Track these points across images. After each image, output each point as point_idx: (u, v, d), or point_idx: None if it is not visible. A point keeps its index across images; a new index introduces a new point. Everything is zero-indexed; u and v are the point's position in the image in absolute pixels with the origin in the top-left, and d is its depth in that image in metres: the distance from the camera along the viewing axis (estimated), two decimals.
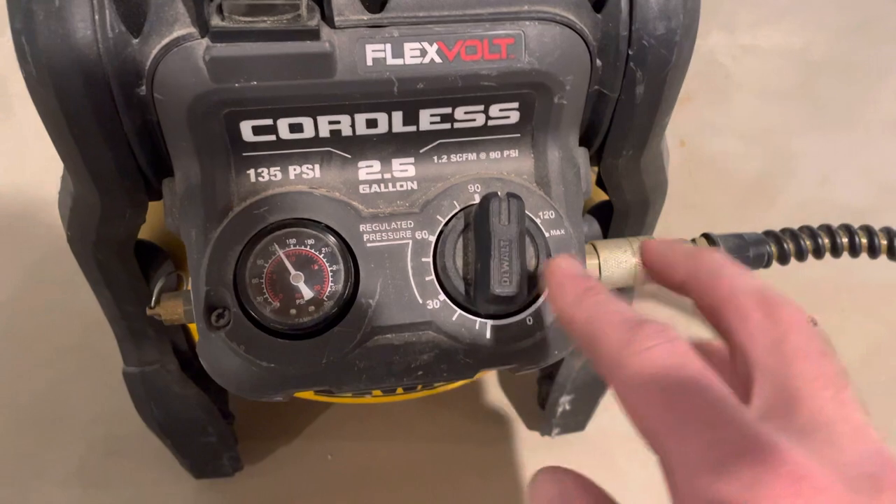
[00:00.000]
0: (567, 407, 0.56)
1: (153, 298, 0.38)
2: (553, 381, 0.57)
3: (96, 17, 0.29)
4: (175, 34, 0.30)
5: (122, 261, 0.40)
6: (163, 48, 0.30)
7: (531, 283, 0.32)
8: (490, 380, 0.64)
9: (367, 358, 0.33)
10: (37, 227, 0.72)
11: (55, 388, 0.62)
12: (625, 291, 0.50)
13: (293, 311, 0.32)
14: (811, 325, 0.23)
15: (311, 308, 0.32)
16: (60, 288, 0.67)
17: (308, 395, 0.48)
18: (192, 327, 0.47)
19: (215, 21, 0.29)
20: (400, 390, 0.49)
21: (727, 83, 0.93)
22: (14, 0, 0.29)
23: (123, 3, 0.29)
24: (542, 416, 0.60)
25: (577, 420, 0.59)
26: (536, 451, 0.60)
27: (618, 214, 0.43)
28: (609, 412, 0.60)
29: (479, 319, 0.33)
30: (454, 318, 0.33)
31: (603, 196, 0.43)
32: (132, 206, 0.35)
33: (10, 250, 0.70)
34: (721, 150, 0.84)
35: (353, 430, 0.60)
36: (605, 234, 0.44)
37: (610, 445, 0.61)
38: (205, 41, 0.30)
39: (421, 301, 0.33)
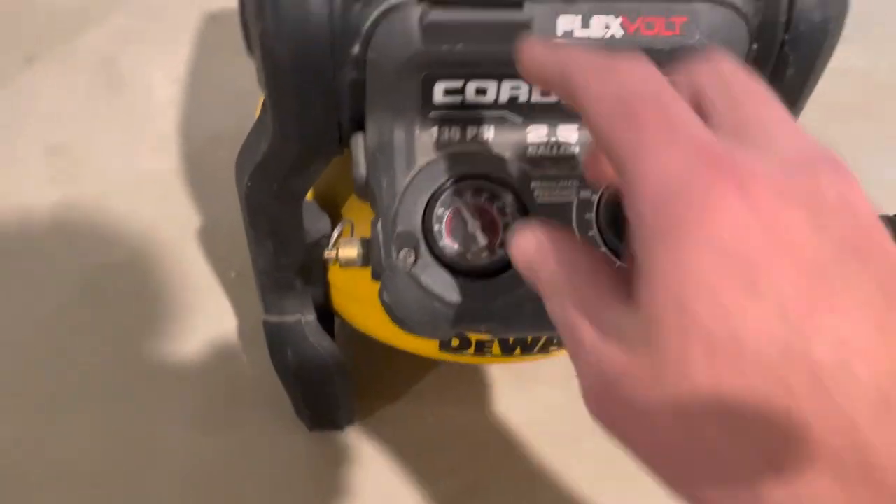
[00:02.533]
0: None
1: (331, 242, 0.41)
2: None
3: None
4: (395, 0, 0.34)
5: (292, 213, 0.44)
6: (382, 12, 0.34)
7: None
8: None
9: (533, 300, 0.37)
10: (148, 199, 0.77)
11: (174, 342, 0.66)
12: None
13: (470, 256, 0.36)
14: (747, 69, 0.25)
15: (486, 254, 0.36)
16: (171, 256, 0.72)
17: (432, 351, 0.52)
18: (335, 282, 0.51)
19: None
20: (518, 351, 0.52)
21: None
22: None
23: None
24: None
25: None
26: None
27: None
28: None
29: None
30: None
31: None
32: (323, 158, 0.39)
33: (121, 221, 0.75)
34: None
35: (455, 395, 0.64)
36: None
37: None
38: (421, 6, 0.34)
39: None
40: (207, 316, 0.68)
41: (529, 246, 0.27)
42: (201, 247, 0.73)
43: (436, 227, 0.36)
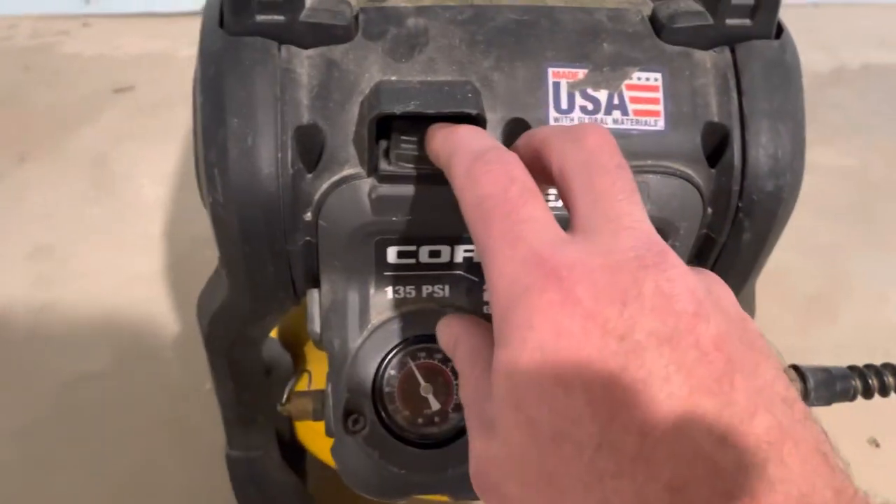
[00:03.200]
0: None
1: (284, 396, 0.41)
2: None
3: (279, 155, 0.34)
4: (345, 172, 0.34)
5: (251, 357, 0.44)
6: (333, 184, 0.34)
7: None
8: None
9: None
10: (132, 303, 0.77)
11: (149, 459, 0.65)
12: None
13: (422, 421, 0.35)
14: (612, 143, 0.27)
15: (438, 419, 0.36)
16: (152, 364, 0.71)
17: None
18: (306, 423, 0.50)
19: (383, 165, 0.33)
20: None
21: None
22: (210, 136, 0.34)
23: (304, 145, 0.34)
24: None
25: None
26: None
27: None
28: None
29: None
30: None
31: None
32: (277, 312, 0.39)
33: (104, 326, 0.75)
34: (780, 265, 0.87)
35: None
36: None
37: None
38: (371, 180, 0.34)
39: None
40: (183, 429, 0.67)
41: (447, 336, 0.31)
42: (178, 355, 0.72)
43: (387, 390, 0.36)
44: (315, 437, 0.52)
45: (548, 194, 0.35)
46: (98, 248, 0.81)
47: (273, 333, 0.47)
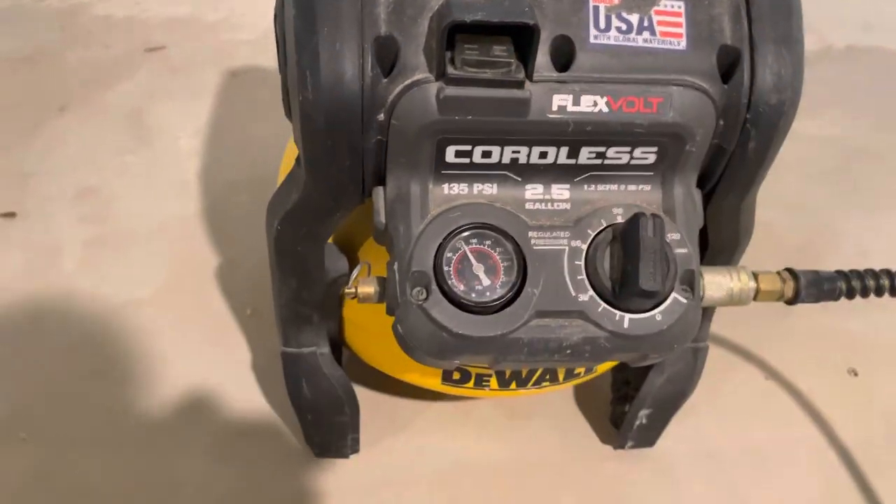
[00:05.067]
0: (643, 421, 0.65)
1: (351, 280, 0.47)
2: (628, 400, 0.65)
3: (361, 60, 0.40)
4: (416, 77, 0.40)
5: (316, 254, 0.50)
6: (405, 87, 0.40)
7: (667, 286, 0.41)
8: (567, 398, 0.73)
9: (530, 335, 0.42)
10: (172, 239, 0.82)
11: (196, 374, 0.71)
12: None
13: (474, 294, 0.42)
14: None
15: (488, 292, 0.42)
16: (193, 294, 0.77)
17: (434, 384, 0.57)
18: (349, 316, 0.56)
19: (450, 70, 0.39)
20: (514, 385, 0.58)
21: (776, 162, 1.03)
22: (304, 42, 0.40)
23: (381, 53, 0.40)
24: (614, 432, 0.69)
25: (649, 435, 0.67)
26: (609, 461, 0.68)
27: (712, 250, 0.52)
28: (675, 434, 0.69)
29: (619, 312, 0.42)
30: (599, 310, 0.42)
31: None
32: (347, 207, 0.45)
33: (147, 259, 0.80)
34: (769, 221, 0.94)
35: (453, 430, 0.68)
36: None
37: (674, 463, 0.68)
38: (438, 84, 0.40)
39: (574, 294, 0.42)
40: (224, 351, 0.73)
41: None
42: (219, 286, 0.78)
43: (445, 269, 0.42)
44: (361, 337, 0.58)
45: None
46: (139, 191, 0.86)
47: (330, 240, 0.53)
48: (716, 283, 0.47)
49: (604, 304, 0.42)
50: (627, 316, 0.42)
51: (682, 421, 0.69)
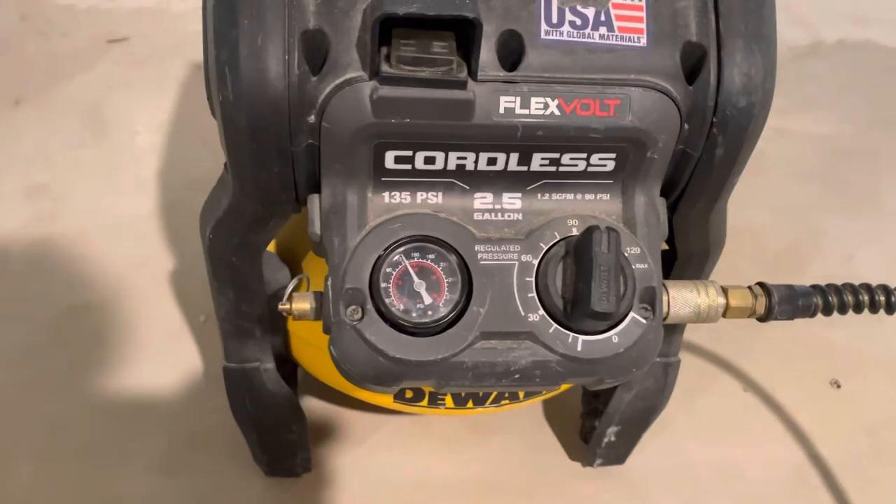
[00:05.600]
0: (612, 438, 0.61)
1: (286, 295, 0.43)
2: (598, 415, 0.62)
3: (287, 56, 0.36)
4: (348, 75, 0.36)
5: (252, 264, 0.46)
6: (336, 86, 0.36)
7: (622, 306, 0.38)
8: (536, 413, 0.69)
9: (475, 358, 0.39)
10: (126, 239, 0.79)
11: (140, 384, 0.68)
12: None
13: (415, 314, 0.38)
14: None
15: (430, 312, 0.38)
16: (146, 297, 0.73)
17: (387, 401, 0.54)
18: (295, 330, 0.53)
19: (385, 67, 0.36)
20: (470, 403, 0.54)
21: (761, 161, 1.00)
22: (222, 36, 0.36)
23: (309, 48, 0.36)
24: (584, 448, 0.65)
25: (619, 453, 0.64)
26: (578, 480, 0.65)
27: (680, 262, 0.49)
28: (648, 449, 0.65)
29: (571, 334, 0.39)
30: (550, 331, 0.39)
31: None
32: (280, 216, 0.42)
33: (99, 260, 0.77)
34: (752, 223, 0.90)
35: (412, 446, 0.65)
36: (666, 275, 0.50)
37: (646, 480, 0.65)
38: (372, 83, 0.36)
39: (523, 314, 0.39)
40: (175, 359, 0.69)
41: None
42: (173, 290, 0.74)
43: (383, 285, 0.38)
44: (308, 352, 0.54)
45: None
46: (93, 188, 0.82)
47: (271, 248, 0.49)
48: (682, 298, 0.43)
49: (555, 325, 0.39)
50: (581, 338, 0.39)
51: (656, 435, 0.66)
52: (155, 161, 0.87)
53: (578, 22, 0.38)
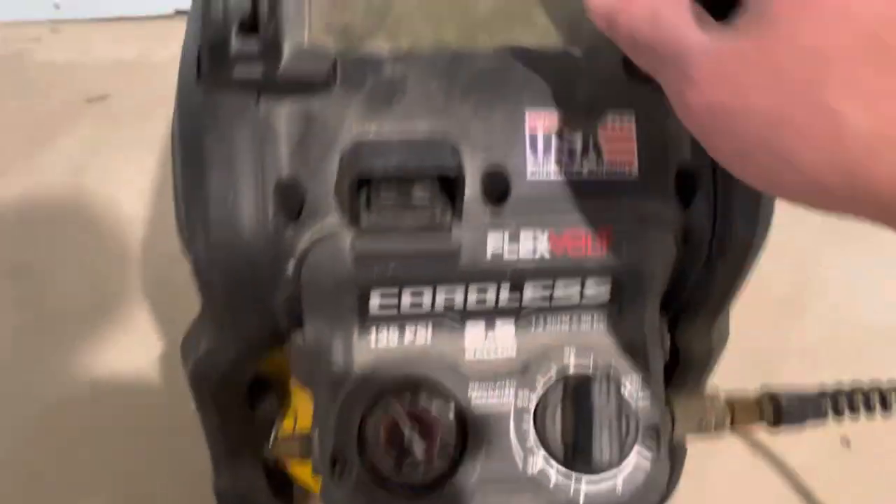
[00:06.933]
0: None
1: (271, 440, 0.42)
2: None
3: (261, 208, 0.34)
4: (326, 227, 0.34)
5: (236, 398, 0.44)
6: (314, 237, 0.34)
7: (624, 452, 0.36)
8: None
9: None
10: (112, 321, 0.77)
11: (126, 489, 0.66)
12: None
13: (406, 469, 0.36)
14: None
15: (423, 466, 0.36)
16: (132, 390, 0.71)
17: None
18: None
19: (364, 219, 0.34)
20: None
21: None
22: (190, 195, 0.34)
23: (284, 199, 0.34)
24: None
25: None
26: None
27: (683, 366, 0.47)
28: None
29: (573, 486, 0.37)
30: (552, 485, 0.37)
31: None
32: (262, 356, 0.40)
33: (85, 348, 0.75)
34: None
35: None
36: (667, 382, 0.48)
37: None
38: (352, 233, 0.34)
39: (521, 464, 0.37)
40: (170, 460, 0.67)
41: None
42: (164, 377, 0.73)
43: (371, 438, 0.36)
44: (303, 469, 0.52)
45: None
46: (76, 265, 0.81)
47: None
48: (684, 416, 0.41)
49: (556, 475, 0.37)
50: (583, 489, 0.37)
51: None
52: (139, 231, 0.85)
53: (566, 156, 0.36)
